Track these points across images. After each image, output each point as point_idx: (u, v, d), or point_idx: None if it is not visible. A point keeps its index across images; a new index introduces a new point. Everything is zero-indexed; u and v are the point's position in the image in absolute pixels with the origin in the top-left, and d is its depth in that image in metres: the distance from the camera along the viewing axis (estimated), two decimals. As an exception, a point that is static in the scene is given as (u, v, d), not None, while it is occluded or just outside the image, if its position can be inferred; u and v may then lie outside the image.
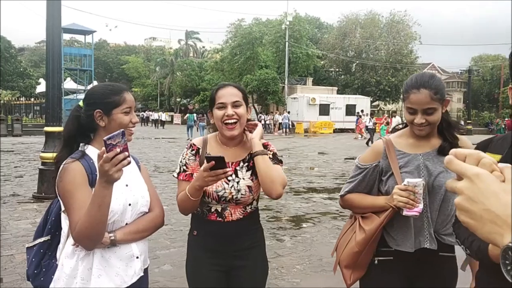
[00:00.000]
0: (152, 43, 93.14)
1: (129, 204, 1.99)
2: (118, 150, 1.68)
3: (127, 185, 1.99)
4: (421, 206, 2.00)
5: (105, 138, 1.67)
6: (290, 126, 34.09)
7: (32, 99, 44.44)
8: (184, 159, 2.30)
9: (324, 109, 37.25)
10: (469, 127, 35.65)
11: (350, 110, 36.47)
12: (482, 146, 1.74)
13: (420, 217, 2.06)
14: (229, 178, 2.21)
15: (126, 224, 1.99)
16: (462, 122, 37.81)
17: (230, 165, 2.23)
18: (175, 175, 2.31)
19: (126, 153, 1.71)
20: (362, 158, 2.29)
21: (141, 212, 2.06)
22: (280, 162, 2.31)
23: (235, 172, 2.24)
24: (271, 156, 2.27)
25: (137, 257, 2.02)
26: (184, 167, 2.27)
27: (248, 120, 2.31)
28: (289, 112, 35.16)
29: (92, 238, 1.82)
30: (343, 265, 2.27)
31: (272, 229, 6.53)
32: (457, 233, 1.92)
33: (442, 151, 2.13)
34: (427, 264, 2.14)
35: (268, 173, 2.15)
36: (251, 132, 2.27)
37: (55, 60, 8.53)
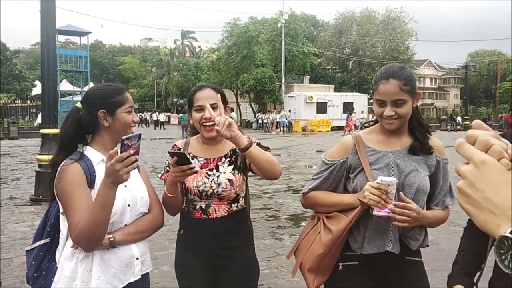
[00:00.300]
0: (148, 43, 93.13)
1: (128, 205, 1.98)
2: (131, 151, 1.70)
3: (126, 186, 1.97)
4: (392, 206, 1.91)
5: (123, 137, 1.69)
6: (288, 125, 34.09)
7: (28, 102, 44.29)
8: (167, 160, 2.33)
9: (322, 107, 37.24)
10: (467, 123, 35.66)
11: (347, 107, 36.41)
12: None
13: (386, 218, 1.96)
14: (209, 172, 2.24)
15: (126, 225, 1.98)
16: (460, 118, 37.91)
17: (211, 161, 2.28)
18: (159, 176, 2.35)
19: (137, 156, 1.73)
20: (330, 154, 2.19)
21: (141, 213, 2.05)
22: (267, 148, 2.30)
23: (216, 167, 2.27)
24: (256, 145, 2.26)
25: (137, 258, 2.00)
26: (167, 168, 2.31)
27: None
28: (290, 111, 35.15)
29: (93, 239, 1.81)
30: (305, 268, 2.12)
31: (271, 228, 6.52)
32: (463, 238, 1.91)
33: (413, 150, 2.06)
34: (393, 268, 2.05)
35: (265, 158, 2.15)
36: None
37: (51, 62, 8.50)
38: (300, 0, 55.34)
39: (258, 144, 2.28)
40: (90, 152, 2.00)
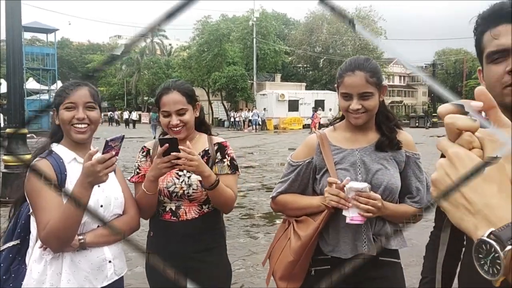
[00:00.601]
0: (117, 41, 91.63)
1: (101, 206, 1.94)
2: (113, 153, 1.69)
3: (99, 186, 1.92)
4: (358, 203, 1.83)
5: (108, 138, 1.67)
6: (261, 123, 34.17)
7: (-7, 101, 42.93)
8: (136, 162, 2.31)
9: (293, 105, 37.42)
10: (435, 120, 36.47)
11: (319, 105, 36.74)
12: None
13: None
14: (180, 173, 2.20)
15: (98, 226, 1.93)
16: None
17: None
18: (129, 178, 2.31)
19: (117, 157, 1.73)
20: (295, 155, 2.12)
21: (115, 214, 2.01)
22: (236, 169, 2.28)
23: None
24: (228, 163, 2.25)
25: (110, 261, 1.96)
26: (138, 170, 2.28)
27: (197, 119, 2.30)
28: (264, 109, 35.19)
29: (63, 239, 1.77)
30: (277, 276, 2.05)
31: (245, 227, 6.52)
32: (425, 258, 1.76)
33: (380, 147, 1.99)
34: (367, 270, 1.96)
35: (221, 200, 2.17)
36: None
37: (16, 60, 8.25)
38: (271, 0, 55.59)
39: (231, 160, 2.27)
40: (61, 150, 1.95)
